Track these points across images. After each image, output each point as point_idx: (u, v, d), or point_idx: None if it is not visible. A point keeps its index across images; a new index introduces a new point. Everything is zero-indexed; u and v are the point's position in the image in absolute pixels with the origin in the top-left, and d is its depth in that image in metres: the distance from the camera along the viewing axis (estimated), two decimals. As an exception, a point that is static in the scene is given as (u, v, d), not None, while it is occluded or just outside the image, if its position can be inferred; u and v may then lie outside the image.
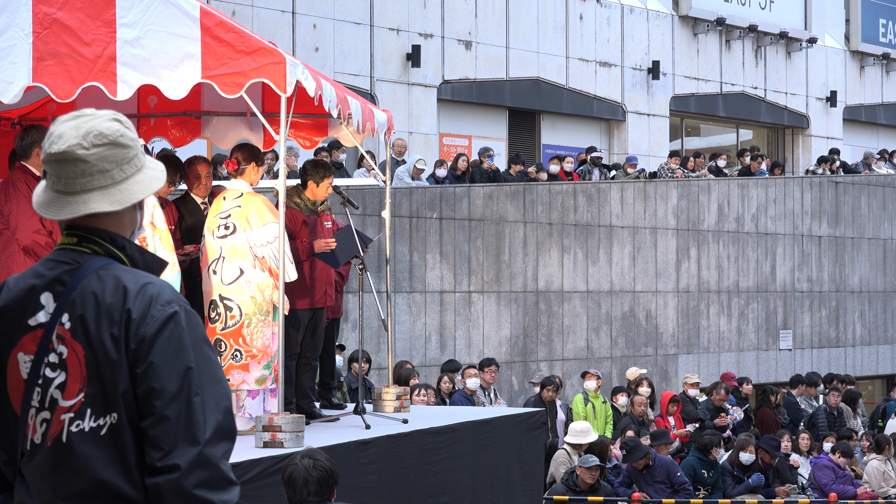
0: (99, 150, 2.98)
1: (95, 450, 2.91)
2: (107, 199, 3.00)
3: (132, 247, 3.06)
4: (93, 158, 2.98)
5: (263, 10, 19.87)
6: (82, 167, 2.98)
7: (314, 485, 5.46)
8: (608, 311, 19.62)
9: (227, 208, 8.33)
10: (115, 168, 3.00)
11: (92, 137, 2.98)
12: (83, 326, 2.93)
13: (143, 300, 2.93)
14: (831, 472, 14.76)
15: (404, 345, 16.90)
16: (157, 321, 2.92)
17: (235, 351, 8.18)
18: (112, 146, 3.00)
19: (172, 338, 2.93)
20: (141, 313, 2.92)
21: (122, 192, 3.01)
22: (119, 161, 3.01)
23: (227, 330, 8.22)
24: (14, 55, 7.46)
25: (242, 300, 8.15)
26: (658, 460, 13.45)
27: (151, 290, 2.95)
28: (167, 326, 2.93)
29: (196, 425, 2.90)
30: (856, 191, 23.99)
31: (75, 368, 2.93)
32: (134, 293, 2.94)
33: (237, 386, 8.18)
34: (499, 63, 23.20)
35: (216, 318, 8.24)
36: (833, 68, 29.60)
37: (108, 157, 2.99)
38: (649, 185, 20.59)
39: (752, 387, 18.11)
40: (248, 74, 7.44)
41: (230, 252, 8.24)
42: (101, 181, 2.99)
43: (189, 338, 2.95)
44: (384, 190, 10.40)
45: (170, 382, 2.90)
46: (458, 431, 9.07)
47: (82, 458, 2.92)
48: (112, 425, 2.91)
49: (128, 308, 2.92)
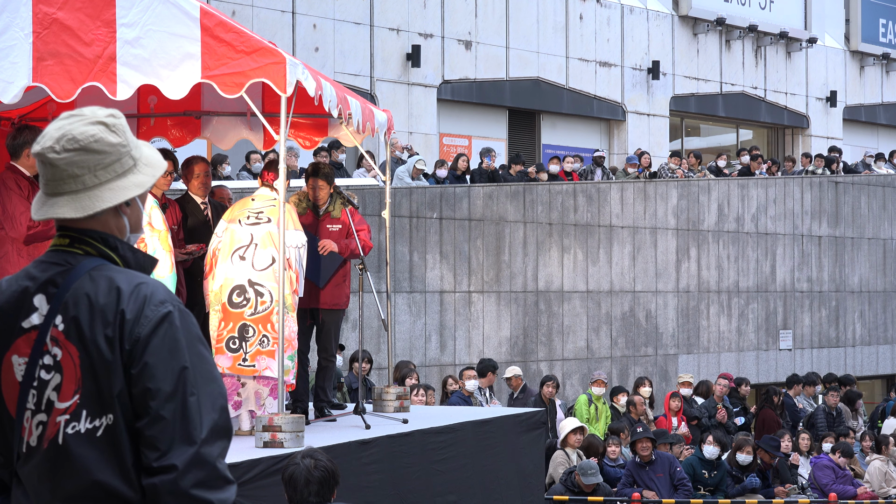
0: (69, 156, 2.95)
1: (92, 451, 2.90)
2: (72, 206, 2.97)
3: (124, 247, 3.05)
4: (62, 163, 2.95)
5: (263, 10, 19.87)
6: (52, 171, 2.96)
7: (315, 485, 5.45)
8: (608, 311, 19.61)
9: (260, 206, 8.37)
10: (86, 173, 2.97)
11: (65, 142, 2.95)
12: (77, 328, 2.92)
13: (137, 301, 2.92)
14: (831, 472, 14.75)
15: (404, 345, 16.89)
16: (152, 321, 2.91)
17: (263, 337, 8.09)
18: (83, 152, 2.96)
19: (167, 338, 2.91)
20: (135, 314, 2.91)
21: (90, 198, 2.97)
22: (92, 167, 2.97)
23: (256, 315, 8.13)
24: (14, 55, 7.46)
25: (274, 287, 8.03)
26: (660, 455, 13.52)
27: (145, 291, 2.94)
28: (161, 326, 2.92)
29: (192, 425, 2.89)
30: (856, 191, 23.99)
31: (70, 370, 2.92)
32: (127, 294, 2.92)
33: (261, 371, 8.10)
34: (499, 63, 23.20)
35: (243, 303, 8.13)
36: (833, 68, 29.60)
37: (78, 163, 2.96)
38: (649, 185, 20.59)
39: (749, 388, 18.09)
40: (248, 74, 7.44)
41: (264, 240, 8.21)
42: (70, 186, 2.97)
43: (184, 337, 2.94)
44: (384, 190, 10.41)
45: (165, 382, 2.89)
46: (458, 431, 9.08)
47: (79, 459, 2.91)
48: (108, 426, 2.90)
49: (122, 309, 2.91)
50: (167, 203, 8.79)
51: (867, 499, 14.54)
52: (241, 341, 8.11)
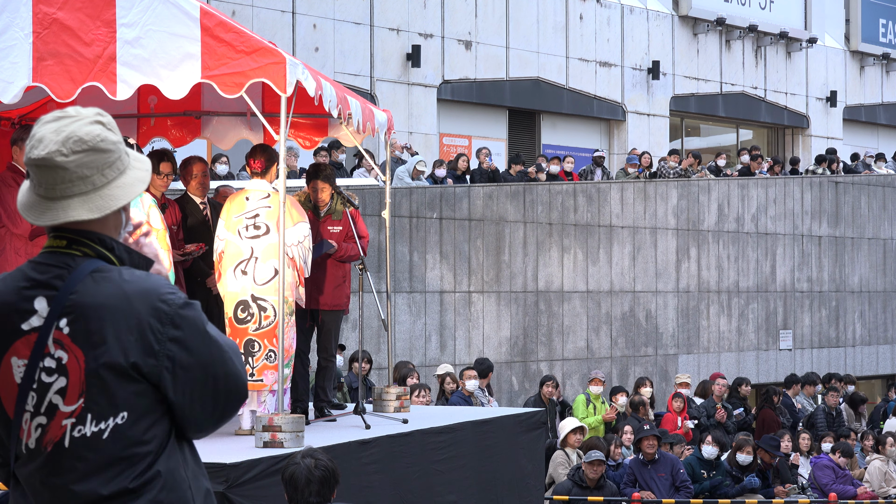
0: (78, 157, 2.93)
1: (97, 454, 2.91)
2: (86, 206, 2.96)
3: (120, 247, 3.04)
4: (72, 165, 2.93)
5: (263, 10, 19.87)
6: (62, 174, 2.93)
7: (316, 484, 5.45)
8: (608, 311, 19.61)
9: (255, 208, 8.22)
10: (95, 174, 2.95)
11: (72, 143, 2.92)
12: (86, 332, 2.91)
13: (148, 300, 2.94)
14: (831, 472, 14.75)
15: (404, 345, 16.89)
16: (170, 315, 2.94)
17: (269, 351, 8.06)
18: (92, 152, 2.94)
19: (191, 326, 2.97)
20: (149, 312, 2.93)
21: (102, 198, 2.97)
22: (100, 166, 2.96)
23: (261, 330, 8.10)
24: (14, 55, 7.46)
25: (277, 300, 7.96)
26: (663, 455, 13.52)
27: (147, 286, 2.97)
28: (182, 316, 2.96)
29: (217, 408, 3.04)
30: (856, 191, 23.99)
31: (75, 373, 2.91)
32: (136, 295, 2.93)
33: (269, 387, 8.07)
34: (499, 63, 23.20)
35: (248, 318, 8.09)
36: (833, 68, 29.60)
37: (88, 164, 2.94)
38: (649, 185, 20.59)
39: (749, 388, 18.09)
40: (248, 74, 7.43)
41: (265, 253, 8.11)
42: (81, 187, 2.95)
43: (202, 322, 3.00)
44: (384, 190, 10.41)
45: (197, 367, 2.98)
46: (458, 431, 9.07)
47: (84, 461, 2.91)
48: (114, 428, 2.90)
49: (136, 311, 2.92)
50: (166, 203, 8.78)
51: (867, 499, 14.54)
52: (247, 357, 8.09)
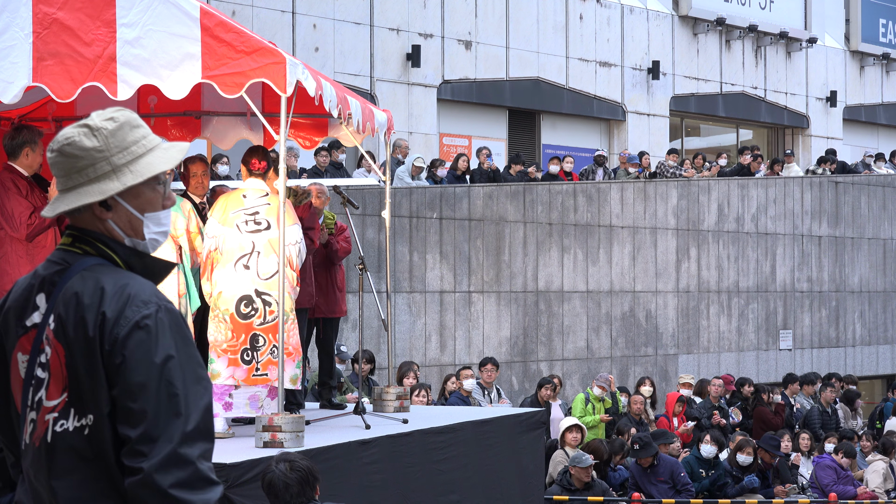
0: (51, 157, 3.01)
1: (80, 449, 2.91)
2: (54, 204, 3.03)
3: (126, 251, 3.03)
4: (50, 163, 3.03)
5: (263, 10, 19.86)
6: (54, 170, 3.04)
7: (295, 486, 5.47)
8: (608, 311, 19.61)
9: (254, 205, 8.20)
10: (63, 176, 3.01)
11: (53, 143, 3.01)
12: (63, 327, 2.93)
13: (119, 301, 2.90)
14: (833, 472, 14.75)
15: (404, 345, 16.89)
16: (131, 322, 2.87)
17: (273, 346, 8.01)
18: (59, 155, 3.00)
19: (148, 339, 2.87)
20: (115, 314, 2.88)
21: (61, 200, 3.01)
22: (68, 170, 2.99)
23: (265, 325, 8.05)
24: (14, 55, 7.46)
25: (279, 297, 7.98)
26: (663, 460, 13.50)
27: (129, 291, 2.92)
28: (142, 327, 2.88)
29: (173, 424, 2.83)
30: (856, 191, 23.99)
31: (57, 369, 2.93)
32: (111, 294, 2.91)
33: (273, 381, 8.00)
34: (499, 63, 23.19)
35: (252, 313, 8.05)
36: (833, 68, 29.59)
37: (57, 165, 3.01)
38: (649, 185, 20.59)
39: (752, 388, 18.08)
40: (248, 74, 7.44)
41: (267, 247, 8.10)
42: (60, 185, 3.04)
43: (169, 335, 2.89)
44: (384, 190, 10.41)
45: (143, 381, 2.84)
46: (458, 431, 9.08)
47: (67, 457, 2.91)
48: (92, 425, 2.90)
49: (102, 310, 2.89)
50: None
51: (867, 499, 14.54)
52: (252, 351, 8.06)
